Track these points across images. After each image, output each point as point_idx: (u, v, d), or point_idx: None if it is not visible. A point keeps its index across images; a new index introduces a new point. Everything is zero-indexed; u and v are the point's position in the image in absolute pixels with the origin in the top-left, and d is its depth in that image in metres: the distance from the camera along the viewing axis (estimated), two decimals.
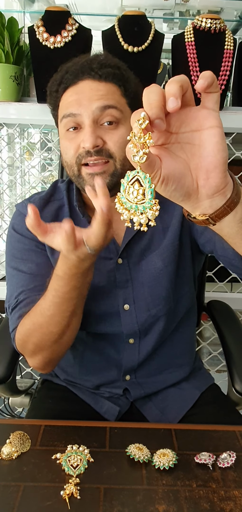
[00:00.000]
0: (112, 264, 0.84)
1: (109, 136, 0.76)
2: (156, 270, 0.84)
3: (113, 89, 0.77)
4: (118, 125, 0.77)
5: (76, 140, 0.77)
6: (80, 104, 0.76)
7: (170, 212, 0.86)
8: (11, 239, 0.87)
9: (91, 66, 0.77)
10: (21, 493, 0.57)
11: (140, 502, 0.57)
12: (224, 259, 0.79)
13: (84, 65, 0.77)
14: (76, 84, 0.77)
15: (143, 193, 0.42)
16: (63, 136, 0.80)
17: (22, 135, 1.82)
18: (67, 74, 0.79)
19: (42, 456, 0.64)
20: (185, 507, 0.56)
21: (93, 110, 0.75)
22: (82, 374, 0.91)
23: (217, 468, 0.64)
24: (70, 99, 0.77)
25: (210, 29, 1.38)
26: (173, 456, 0.64)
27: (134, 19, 1.41)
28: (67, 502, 0.56)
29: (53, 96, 0.82)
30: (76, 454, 0.65)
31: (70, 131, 0.78)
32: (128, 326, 0.85)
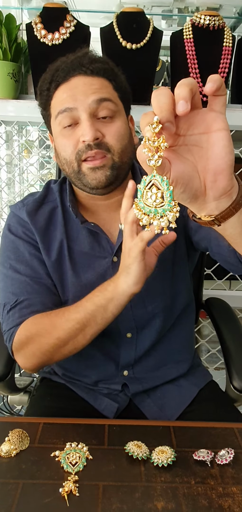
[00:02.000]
0: (107, 263, 0.84)
1: (107, 129, 0.77)
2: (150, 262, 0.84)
3: (105, 83, 0.79)
4: (114, 118, 0.78)
5: (74, 136, 0.77)
6: (76, 98, 0.76)
7: None
8: (5, 240, 0.87)
9: (82, 62, 0.78)
10: (20, 490, 0.57)
11: (138, 499, 0.57)
12: (219, 256, 0.79)
13: (75, 62, 0.78)
14: (68, 81, 0.78)
15: (161, 196, 0.42)
16: (59, 134, 0.80)
17: (20, 133, 1.81)
18: (58, 72, 0.79)
19: (41, 453, 0.64)
20: (184, 504, 0.57)
21: (89, 103, 0.75)
22: (81, 370, 0.91)
23: (215, 465, 0.64)
24: (64, 96, 0.77)
25: (209, 26, 1.38)
26: (172, 453, 0.64)
27: (132, 16, 1.41)
28: (66, 499, 0.56)
29: (44, 95, 0.82)
30: (75, 451, 0.65)
31: (66, 128, 0.78)
32: (125, 323, 0.86)
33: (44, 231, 0.85)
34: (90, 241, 0.85)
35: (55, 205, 0.88)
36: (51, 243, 0.85)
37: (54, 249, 0.85)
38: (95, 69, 0.78)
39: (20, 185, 1.81)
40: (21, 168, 1.79)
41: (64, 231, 0.85)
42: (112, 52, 1.41)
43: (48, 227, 0.86)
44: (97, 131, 0.76)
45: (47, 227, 0.86)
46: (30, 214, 0.86)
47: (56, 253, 0.85)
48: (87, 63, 0.78)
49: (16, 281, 0.82)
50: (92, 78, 0.78)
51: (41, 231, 0.85)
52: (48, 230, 0.86)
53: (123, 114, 0.82)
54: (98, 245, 0.85)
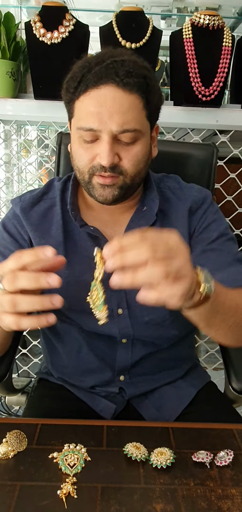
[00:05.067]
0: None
1: (126, 153, 0.74)
2: None
3: (135, 102, 0.73)
4: (135, 141, 0.75)
5: (91, 151, 0.75)
6: (101, 120, 0.72)
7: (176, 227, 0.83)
8: (1, 234, 0.86)
9: (117, 71, 0.71)
10: (17, 492, 0.57)
11: (137, 501, 0.57)
12: None
13: (110, 67, 0.72)
14: (98, 88, 0.72)
15: (98, 298, 0.60)
16: (77, 141, 0.77)
17: (19, 132, 1.81)
18: (90, 74, 0.72)
19: (39, 455, 0.64)
20: (183, 505, 0.56)
21: (113, 129, 0.72)
22: (77, 375, 0.90)
23: (214, 466, 0.63)
24: (91, 110, 0.72)
25: (208, 25, 1.38)
26: (171, 454, 0.64)
27: (131, 15, 1.41)
28: (64, 501, 0.56)
29: (71, 92, 0.76)
30: (73, 453, 0.64)
31: (86, 141, 0.75)
32: (123, 331, 0.85)
33: (37, 227, 0.84)
34: (90, 244, 0.83)
35: (53, 203, 0.87)
36: (46, 238, 0.84)
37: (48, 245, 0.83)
38: (129, 84, 0.72)
39: (19, 184, 1.81)
40: (20, 167, 1.79)
41: (62, 231, 0.84)
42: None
43: (42, 224, 0.85)
44: (116, 155, 0.74)
45: (41, 223, 0.85)
46: (23, 210, 0.85)
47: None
48: (122, 74, 0.71)
49: None
50: (124, 92, 0.72)
51: (34, 226, 0.84)
52: (41, 226, 0.85)
53: (147, 134, 0.77)
54: None
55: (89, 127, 0.73)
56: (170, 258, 0.51)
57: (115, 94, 0.72)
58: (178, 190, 0.89)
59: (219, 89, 1.40)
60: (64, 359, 0.90)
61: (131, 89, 0.72)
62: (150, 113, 0.77)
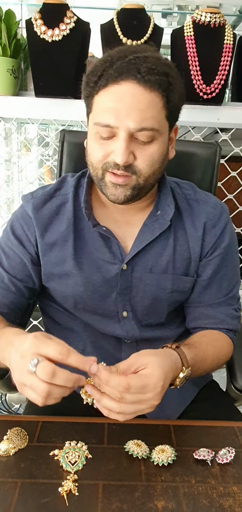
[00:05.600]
0: (116, 270, 0.82)
1: (141, 152, 0.72)
2: (162, 291, 0.83)
3: (155, 101, 0.71)
4: (152, 142, 0.73)
5: (106, 148, 0.73)
6: (118, 116, 0.70)
7: (189, 240, 0.84)
8: (8, 232, 0.85)
9: (139, 68, 0.69)
10: (18, 489, 0.57)
11: (138, 499, 0.56)
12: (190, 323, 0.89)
13: (132, 63, 0.69)
14: (119, 84, 0.70)
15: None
16: (93, 137, 0.75)
17: (19, 130, 1.80)
18: (111, 69, 0.70)
19: (40, 452, 0.64)
20: (184, 503, 0.56)
21: (129, 127, 0.70)
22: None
23: (216, 464, 0.63)
24: (109, 106, 0.71)
25: (210, 23, 1.37)
26: (172, 452, 0.64)
27: (132, 13, 1.40)
28: (65, 498, 0.56)
29: (90, 86, 0.74)
30: (74, 450, 0.64)
31: (102, 137, 0.73)
32: (130, 333, 0.85)
33: (46, 226, 0.83)
34: (101, 245, 0.82)
35: (65, 199, 0.85)
36: (54, 236, 0.83)
37: (57, 244, 0.83)
38: (150, 81, 0.69)
39: (19, 182, 1.80)
40: (20, 165, 1.78)
41: (73, 229, 0.82)
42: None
43: (53, 221, 0.84)
44: (131, 153, 0.72)
45: (51, 221, 0.83)
46: (35, 208, 0.83)
47: (59, 249, 0.83)
48: (144, 71, 0.69)
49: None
50: (144, 90, 0.70)
51: (43, 226, 0.83)
52: (51, 224, 0.83)
53: (164, 134, 0.75)
54: (109, 250, 0.82)
55: (106, 123, 0.71)
56: (134, 404, 0.61)
57: (135, 90, 0.69)
58: (194, 202, 0.86)
59: (220, 87, 1.40)
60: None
61: (151, 87, 0.70)
62: (170, 113, 0.74)
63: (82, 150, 0.83)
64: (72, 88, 1.44)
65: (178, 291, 0.84)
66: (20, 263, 0.84)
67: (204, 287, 0.85)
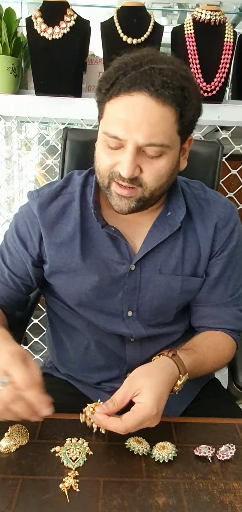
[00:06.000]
0: (124, 270, 0.81)
1: (148, 166, 0.71)
2: (172, 292, 0.83)
3: (167, 115, 0.68)
4: (161, 156, 0.71)
5: (113, 158, 0.72)
6: (127, 129, 0.68)
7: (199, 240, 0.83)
8: (13, 230, 0.85)
9: (153, 80, 0.66)
10: (19, 486, 0.57)
11: (139, 495, 0.56)
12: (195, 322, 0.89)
13: (147, 73, 0.67)
14: (130, 95, 0.67)
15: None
16: (101, 144, 0.74)
17: (19, 129, 1.80)
18: (124, 79, 0.68)
19: (41, 449, 0.64)
20: (185, 499, 0.56)
21: (138, 142, 0.68)
22: (84, 371, 0.90)
23: (216, 460, 0.63)
24: (119, 117, 0.69)
25: (210, 21, 1.37)
26: (173, 449, 0.64)
27: (133, 11, 1.40)
28: (67, 495, 0.56)
29: (102, 93, 0.73)
30: (75, 447, 0.64)
31: (110, 147, 0.72)
32: (136, 331, 0.84)
33: (52, 225, 0.82)
34: (109, 245, 0.81)
35: (72, 198, 0.83)
36: (60, 236, 0.82)
37: (64, 243, 0.82)
38: (163, 95, 0.67)
39: (20, 181, 1.80)
40: (20, 164, 1.79)
41: (80, 229, 0.81)
42: (112, 47, 1.40)
43: (59, 220, 0.82)
44: (137, 167, 0.70)
45: (58, 220, 0.82)
46: (41, 206, 0.82)
47: (66, 249, 0.82)
48: (158, 84, 0.66)
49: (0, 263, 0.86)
50: (157, 104, 0.67)
51: (49, 225, 0.82)
52: (58, 223, 0.82)
53: (175, 149, 0.73)
54: (117, 250, 0.81)
55: (115, 134, 0.69)
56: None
57: (146, 103, 0.67)
58: (205, 202, 0.85)
59: (220, 84, 1.40)
60: (72, 355, 0.90)
61: (164, 101, 0.67)
62: (183, 127, 0.72)
63: (85, 149, 0.82)
64: (73, 86, 1.44)
65: (187, 292, 0.84)
66: (20, 261, 0.84)
67: (211, 286, 0.84)
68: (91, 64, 1.57)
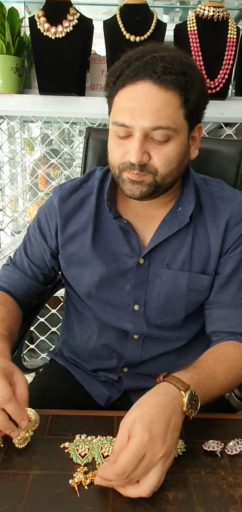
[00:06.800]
0: (133, 263, 0.83)
1: (156, 152, 0.72)
2: (178, 289, 0.83)
3: (171, 101, 0.70)
4: (169, 141, 0.72)
5: (123, 148, 0.74)
6: (133, 116, 0.70)
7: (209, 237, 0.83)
8: (35, 221, 0.91)
9: (155, 67, 0.69)
10: (30, 481, 0.57)
11: None
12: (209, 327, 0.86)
13: (149, 62, 0.70)
14: (135, 84, 0.70)
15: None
16: (112, 136, 0.76)
17: (23, 127, 1.81)
18: (128, 70, 0.71)
19: (51, 445, 0.64)
20: (194, 494, 0.57)
21: (144, 126, 0.70)
22: (85, 357, 0.93)
23: (225, 455, 0.64)
24: (125, 105, 0.72)
25: (213, 17, 1.37)
26: (181, 444, 0.64)
27: (135, 8, 1.40)
28: (77, 490, 0.56)
29: (109, 87, 0.76)
30: (84, 443, 0.65)
31: (119, 136, 0.74)
32: (137, 327, 0.85)
33: (69, 216, 0.86)
34: (120, 238, 0.83)
35: (90, 192, 0.87)
36: (75, 226, 0.86)
37: (77, 233, 0.85)
38: (165, 81, 0.69)
39: (23, 180, 1.81)
40: (24, 164, 1.79)
41: (93, 220, 0.84)
42: (115, 45, 1.40)
43: (76, 212, 0.86)
44: (145, 153, 0.72)
45: (75, 212, 0.86)
46: (61, 198, 0.87)
47: (79, 238, 0.85)
48: (160, 71, 0.69)
49: (21, 251, 0.93)
50: (160, 89, 0.69)
51: (66, 216, 0.86)
52: (74, 215, 0.86)
53: (183, 133, 0.74)
54: (128, 243, 0.83)
55: (122, 122, 0.72)
56: (149, 473, 0.56)
57: (150, 90, 0.69)
58: (219, 199, 0.84)
59: (224, 81, 1.40)
60: (78, 340, 0.93)
61: (167, 86, 0.69)
62: (189, 112, 0.73)
63: (106, 147, 0.83)
64: (76, 85, 1.45)
65: (195, 290, 0.83)
66: (39, 251, 0.90)
67: (222, 285, 0.83)
68: (95, 62, 1.57)
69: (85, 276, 0.85)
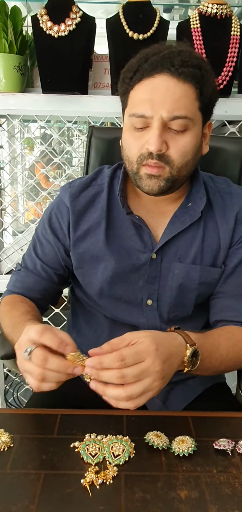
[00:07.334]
0: (146, 258, 0.83)
1: (174, 142, 0.74)
2: (190, 282, 0.83)
3: (189, 92, 0.73)
4: (185, 132, 0.74)
5: (141, 140, 0.75)
6: (153, 106, 0.72)
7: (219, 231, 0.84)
8: (44, 221, 0.90)
9: (173, 61, 0.72)
10: (42, 481, 0.57)
11: (161, 488, 0.57)
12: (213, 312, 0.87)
13: (166, 57, 0.72)
14: (153, 77, 0.73)
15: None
16: (128, 130, 0.77)
17: (25, 127, 1.80)
18: (146, 64, 0.73)
19: (61, 444, 0.64)
20: (207, 492, 0.56)
21: (164, 116, 0.72)
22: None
23: (236, 454, 0.63)
24: (144, 97, 0.73)
25: (216, 14, 1.36)
26: (192, 442, 0.64)
27: (138, 6, 1.39)
28: (88, 489, 0.56)
29: (126, 82, 0.77)
30: (95, 442, 0.64)
31: (136, 129, 0.76)
32: (150, 322, 0.85)
33: (82, 213, 0.86)
34: (133, 233, 0.84)
35: (101, 189, 0.88)
36: (87, 223, 0.86)
37: (90, 230, 0.85)
38: (183, 73, 0.72)
39: (25, 180, 1.80)
40: (24, 164, 1.79)
41: (105, 217, 0.85)
42: (118, 43, 1.40)
43: (88, 209, 0.86)
44: (164, 142, 0.73)
45: (86, 209, 0.86)
46: (72, 195, 0.87)
47: (91, 235, 0.85)
48: (178, 64, 0.72)
49: (31, 253, 0.91)
50: (178, 81, 0.72)
51: (79, 213, 0.86)
52: (86, 212, 0.86)
53: (198, 126, 0.76)
54: (140, 238, 0.84)
55: (141, 113, 0.73)
56: (138, 380, 0.59)
57: (168, 82, 0.72)
58: (227, 195, 0.86)
59: (228, 78, 1.39)
60: (87, 339, 0.93)
61: (185, 78, 0.72)
62: (203, 105, 0.76)
63: (109, 146, 0.85)
64: (79, 84, 1.44)
65: (206, 284, 0.84)
66: (52, 251, 0.89)
67: (228, 275, 0.84)
68: (97, 61, 1.57)
69: (98, 273, 0.85)
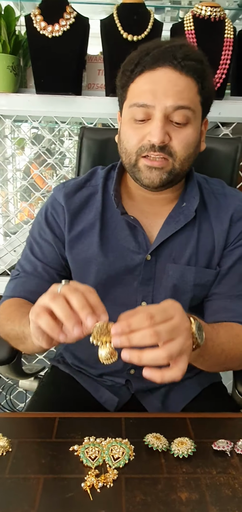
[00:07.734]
0: (140, 259, 0.83)
1: (176, 134, 0.74)
2: (185, 284, 0.83)
3: (191, 85, 0.73)
4: (187, 124, 0.74)
5: (141, 131, 0.74)
6: (155, 96, 0.71)
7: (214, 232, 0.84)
8: (39, 216, 0.89)
9: (175, 54, 0.71)
10: (41, 485, 0.57)
11: (161, 491, 0.56)
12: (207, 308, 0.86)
13: (168, 50, 0.72)
14: (154, 70, 0.72)
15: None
16: (128, 123, 0.76)
17: (16, 128, 1.79)
18: (147, 57, 0.73)
19: (59, 448, 0.63)
20: (207, 494, 0.56)
21: (166, 106, 0.71)
22: (89, 362, 0.92)
23: (235, 455, 0.64)
24: (145, 88, 0.73)
25: (210, 17, 1.37)
26: (191, 444, 0.64)
27: (133, 7, 1.39)
28: (89, 493, 0.56)
29: (126, 75, 0.76)
30: (94, 446, 0.64)
31: (137, 121, 0.75)
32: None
33: (76, 213, 0.86)
34: (127, 234, 0.83)
35: (95, 190, 0.87)
36: (81, 224, 0.85)
37: (84, 231, 0.85)
38: (186, 66, 0.72)
39: (16, 181, 1.79)
40: (16, 164, 1.77)
41: (100, 217, 0.84)
42: (113, 44, 1.40)
43: (82, 210, 0.86)
44: (166, 134, 0.73)
45: (81, 210, 0.86)
46: (66, 195, 0.86)
47: (85, 236, 0.85)
48: (180, 57, 0.71)
49: (28, 256, 0.88)
50: (180, 75, 0.72)
51: (74, 213, 0.85)
52: (80, 212, 0.86)
53: (198, 120, 0.77)
54: (134, 239, 0.83)
55: (143, 102, 0.73)
56: (172, 339, 0.55)
57: (171, 75, 0.72)
58: (222, 197, 0.87)
59: (221, 81, 1.40)
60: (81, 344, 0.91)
61: (187, 72, 0.72)
62: (204, 100, 0.76)
63: (100, 147, 0.84)
64: (73, 84, 1.43)
65: (201, 285, 0.84)
66: (53, 251, 0.87)
67: (223, 276, 0.85)
68: (91, 62, 1.56)
69: (92, 275, 0.84)
